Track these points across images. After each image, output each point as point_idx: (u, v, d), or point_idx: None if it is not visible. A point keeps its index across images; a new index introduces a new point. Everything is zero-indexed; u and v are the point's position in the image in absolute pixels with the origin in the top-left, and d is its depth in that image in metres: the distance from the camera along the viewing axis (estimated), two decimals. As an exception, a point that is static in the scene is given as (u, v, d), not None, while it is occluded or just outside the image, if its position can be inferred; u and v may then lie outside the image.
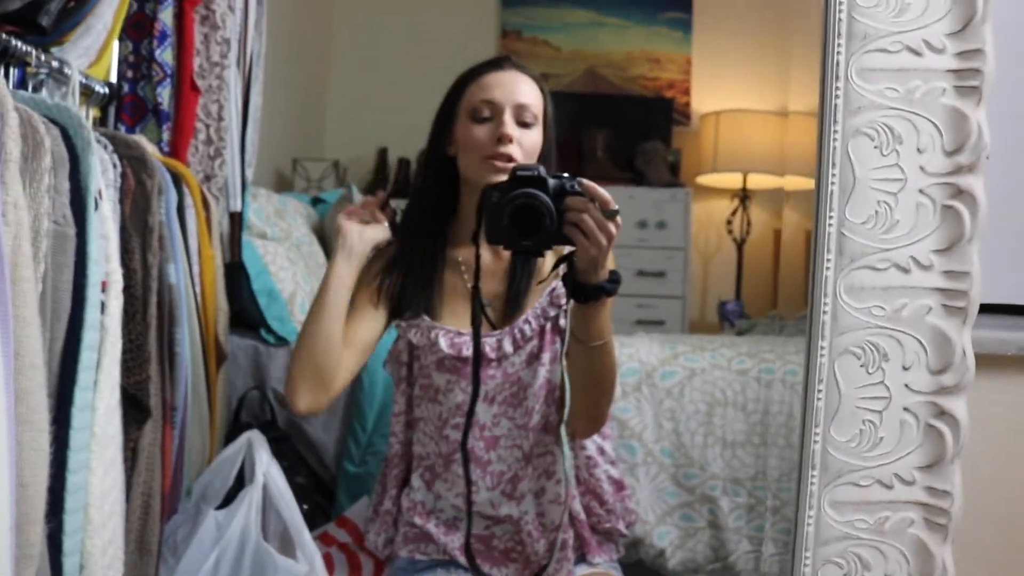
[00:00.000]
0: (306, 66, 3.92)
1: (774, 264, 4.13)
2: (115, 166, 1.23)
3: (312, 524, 1.53)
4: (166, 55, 1.73)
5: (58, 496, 0.93)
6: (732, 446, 1.91)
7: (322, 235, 2.70)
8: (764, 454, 1.90)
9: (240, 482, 1.48)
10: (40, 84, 1.23)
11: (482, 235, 1.25)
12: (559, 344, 1.43)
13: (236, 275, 2.07)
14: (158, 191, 1.33)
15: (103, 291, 1.05)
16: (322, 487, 2.00)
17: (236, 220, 2.04)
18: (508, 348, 1.43)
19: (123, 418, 1.13)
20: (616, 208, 1.19)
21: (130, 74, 1.73)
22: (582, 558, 1.49)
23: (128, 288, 1.17)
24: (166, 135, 1.75)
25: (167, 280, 1.38)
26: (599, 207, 1.19)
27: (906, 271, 1.23)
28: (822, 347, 1.23)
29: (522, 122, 1.41)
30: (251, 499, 1.42)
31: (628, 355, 1.97)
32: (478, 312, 1.29)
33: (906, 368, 1.24)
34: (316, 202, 2.95)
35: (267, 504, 1.44)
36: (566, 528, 1.44)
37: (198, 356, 1.54)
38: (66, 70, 1.27)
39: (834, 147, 1.22)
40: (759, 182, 4.11)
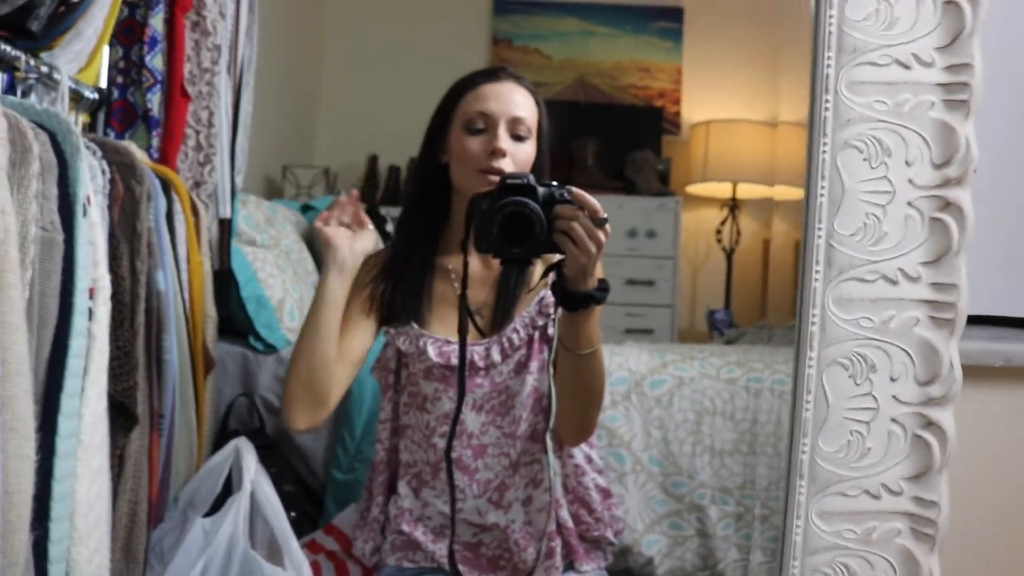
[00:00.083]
0: (297, 73, 3.92)
1: (763, 274, 4.15)
2: (104, 172, 1.23)
3: (300, 532, 1.52)
4: (156, 61, 1.73)
5: (44, 504, 0.92)
6: (721, 455, 1.91)
7: (311, 242, 2.69)
8: (752, 463, 1.91)
9: (228, 489, 1.47)
10: (29, 89, 1.23)
11: (471, 243, 1.25)
12: (547, 353, 1.43)
13: (225, 282, 2.06)
14: (147, 197, 1.33)
15: (91, 298, 1.04)
16: (310, 494, 1.99)
17: (225, 227, 2.04)
18: (496, 357, 1.43)
19: (110, 425, 1.12)
20: (605, 216, 1.20)
21: (120, 80, 1.73)
22: (570, 566, 1.49)
23: (116, 295, 1.16)
24: (156, 141, 1.74)
25: (155, 287, 1.37)
26: (588, 215, 1.19)
27: (894, 283, 1.24)
28: (810, 358, 1.24)
29: (516, 135, 1.41)
30: (239, 506, 1.41)
31: (617, 364, 1.97)
32: (465, 320, 1.29)
33: (894, 379, 1.25)
34: (306, 209, 2.95)
35: (255, 511, 1.44)
36: (554, 536, 1.44)
37: (186, 363, 1.53)
38: (55, 75, 1.27)
39: (823, 159, 1.23)
40: (749, 192, 4.13)
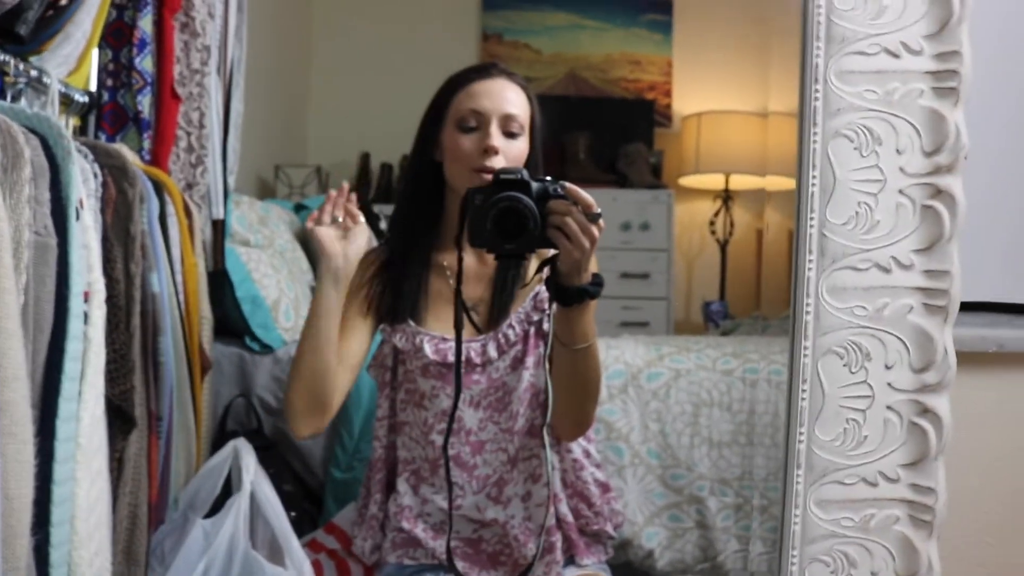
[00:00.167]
0: (287, 72, 3.91)
1: (757, 264, 4.16)
2: (96, 175, 1.23)
3: (300, 531, 1.52)
4: (146, 63, 1.72)
5: (44, 508, 0.92)
6: (719, 446, 1.92)
7: (305, 241, 2.69)
8: (750, 454, 1.91)
9: (227, 490, 1.48)
10: (19, 94, 1.22)
11: (465, 239, 1.26)
12: (543, 348, 1.43)
13: (219, 283, 2.06)
14: (140, 200, 1.33)
15: (86, 301, 1.04)
16: (310, 494, 1.99)
17: (219, 228, 2.04)
18: (493, 353, 1.43)
19: (108, 428, 1.12)
20: (599, 211, 1.20)
21: (110, 82, 1.72)
22: (571, 560, 1.50)
23: (111, 298, 1.16)
24: (147, 143, 1.74)
25: (150, 289, 1.37)
26: (582, 210, 1.19)
27: (887, 271, 1.24)
28: (805, 347, 1.24)
29: (508, 132, 1.41)
30: (239, 507, 1.41)
31: (614, 357, 1.98)
32: (460, 317, 1.29)
33: (889, 367, 1.25)
34: (299, 208, 2.95)
35: (255, 512, 1.44)
36: (553, 531, 1.45)
37: (182, 365, 1.53)
38: (45, 79, 1.26)
39: (814, 149, 1.23)
40: (741, 183, 4.13)
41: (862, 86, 1.23)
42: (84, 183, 1.14)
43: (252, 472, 1.46)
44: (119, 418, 1.20)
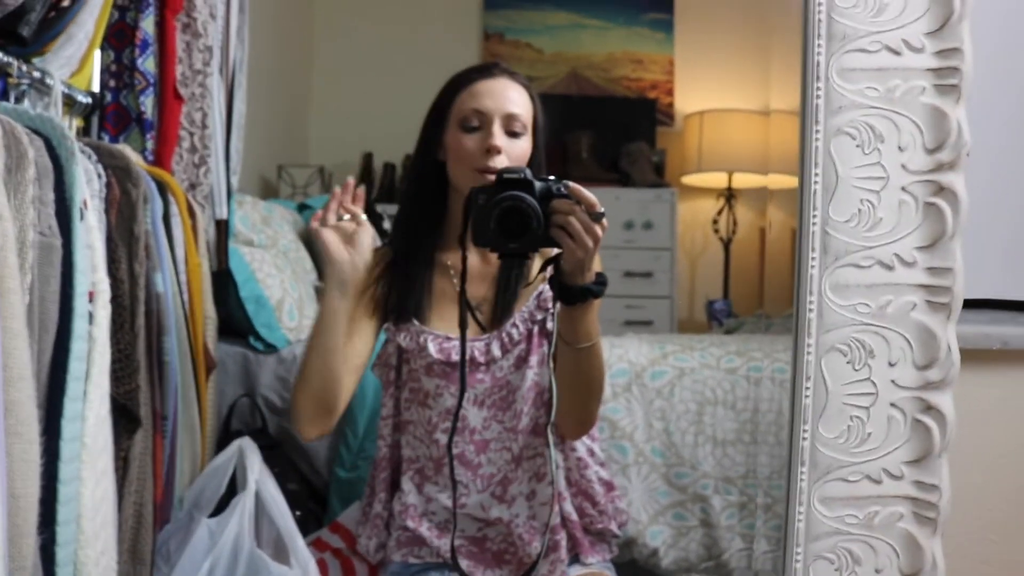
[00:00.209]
0: (289, 72, 3.91)
1: (760, 262, 4.15)
2: (100, 176, 1.23)
3: (305, 530, 1.53)
4: (148, 64, 1.72)
5: (50, 507, 0.93)
6: (723, 444, 1.92)
7: (309, 241, 2.69)
8: (755, 452, 1.91)
9: (232, 490, 1.48)
10: (22, 95, 1.23)
11: (469, 238, 1.26)
12: (547, 347, 1.44)
13: (223, 283, 2.06)
14: (143, 200, 1.33)
15: (90, 301, 1.04)
16: (314, 493, 2.00)
17: (222, 228, 2.04)
18: (496, 352, 1.44)
19: (113, 428, 1.12)
20: (602, 211, 1.20)
21: (113, 83, 1.73)
22: (576, 559, 1.50)
23: (115, 298, 1.17)
24: (150, 144, 1.74)
25: (154, 289, 1.37)
26: (585, 209, 1.20)
27: (890, 268, 1.24)
28: (809, 345, 1.24)
29: (511, 131, 1.41)
30: (244, 506, 1.42)
31: (618, 356, 1.98)
32: (465, 315, 1.29)
33: (892, 364, 1.25)
34: (302, 208, 2.95)
35: (260, 511, 1.44)
36: (558, 529, 1.45)
37: (187, 364, 1.54)
38: (48, 80, 1.27)
39: (816, 146, 1.23)
40: (744, 181, 4.13)
41: (863, 83, 1.23)
42: (88, 184, 1.14)
43: (257, 471, 1.46)
44: (124, 417, 1.20)
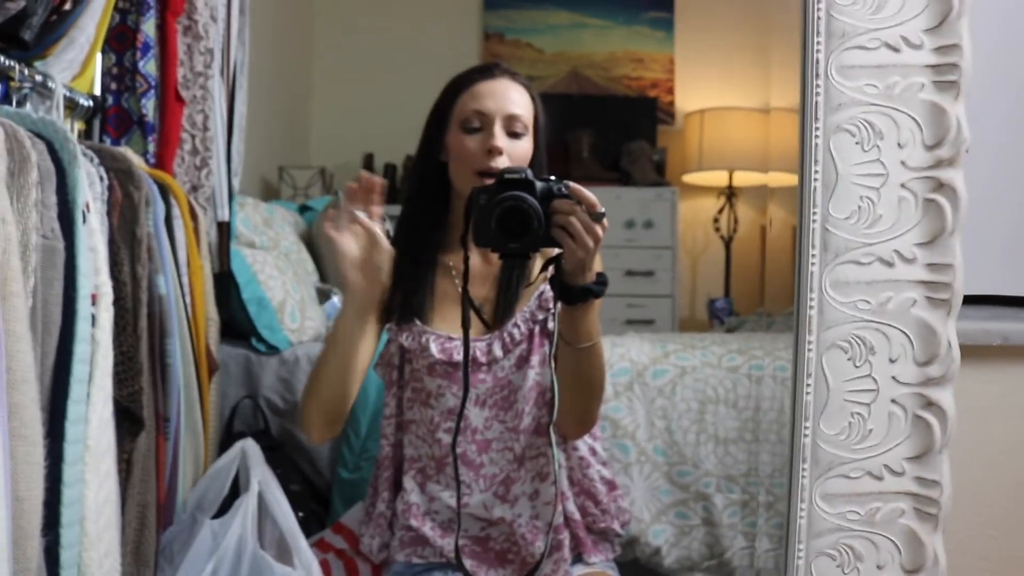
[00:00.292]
0: (290, 74, 3.92)
1: (761, 260, 4.15)
2: (102, 179, 1.23)
3: (307, 531, 1.53)
4: (149, 66, 1.73)
5: (54, 509, 0.93)
6: (725, 443, 1.92)
7: (311, 243, 2.70)
8: (756, 450, 1.92)
9: (235, 491, 1.48)
10: (24, 99, 1.23)
11: (471, 239, 1.26)
12: (548, 347, 1.44)
13: (225, 284, 2.06)
14: (145, 203, 1.33)
15: (93, 304, 1.05)
16: (317, 494, 2.00)
17: (224, 230, 2.04)
18: (498, 352, 1.44)
19: (116, 430, 1.13)
20: (603, 211, 1.20)
21: (114, 86, 1.73)
22: (579, 558, 1.50)
23: (118, 300, 1.17)
24: (152, 146, 1.74)
25: (157, 291, 1.38)
26: (586, 210, 1.20)
27: (890, 265, 1.24)
28: (809, 342, 1.24)
29: (512, 132, 1.42)
30: (247, 507, 1.42)
31: (619, 355, 1.98)
32: (468, 316, 1.29)
33: (893, 360, 1.25)
34: (304, 210, 2.96)
35: (263, 512, 1.44)
36: (561, 529, 1.45)
37: (190, 366, 1.54)
38: (50, 84, 1.27)
39: (816, 144, 1.23)
40: (744, 179, 4.13)
41: (863, 81, 1.24)
42: (90, 186, 1.15)
43: (260, 472, 1.47)
44: (127, 420, 1.20)
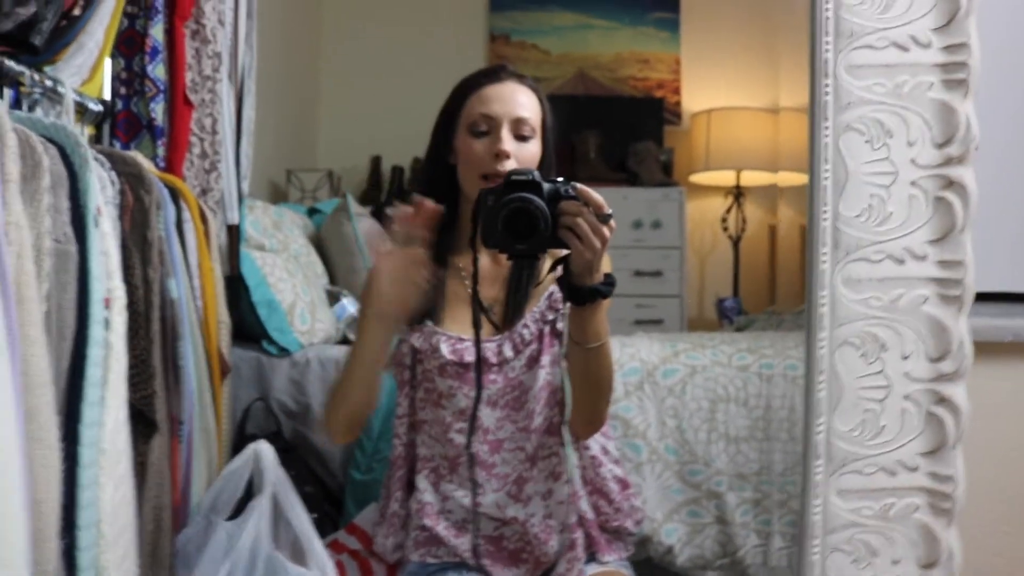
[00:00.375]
0: (297, 77, 3.93)
1: (770, 260, 4.15)
2: (113, 183, 1.24)
3: (321, 533, 1.53)
4: (158, 71, 1.73)
5: (70, 512, 0.94)
6: (736, 441, 1.92)
7: (320, 245, 2.70)
8: (768, 448, 1.91)
9: (249, 493, 1.49)
10: (34, 104, 1.24)
11: (479, 241, 1.26)
12: (558, 347, 1.44)
13: (235, 287, 2.07)
14: (156, 207, 1.34)
15: (106, 308, 1.05)
16: (330, 496, 2.00)
17: (234, 233, 2.05)
18: (509, 352, 1.44)
19: (131, 433, 1.13)
20: (609, 212, 1.21)
21: (123, 91, 1.73)
22: (592, 557, 1.50)
23: (131, 304, 1.17)
24: (161, 150, 1.74)
25: (168, 295, 1.38)
26: (593, 211, 1.20)
27: (901, 262, 1.24)
28: (822, 339, 1.24)
29: (520, 135, 1.42)
30: (261, 509, 1.42)
31: (629, 355, 1.98)
32: (478, 317, 1.30)
33: (905, 357, 1.26)
34: (312, 212, 2.96)
35: (277, 514, 1.45)
36: (575, 528, 1.45)
37: (202, 369, 1.54)
38: (60, 89, 1.28)
39: (826, 143, 1.23)
40: (752, 179, 4.13)
41: (872, 80, 1.24)
42: (102, 191, 1.15)
43: (273, 474, 1.47)
44: (141, 423, 1.21)
